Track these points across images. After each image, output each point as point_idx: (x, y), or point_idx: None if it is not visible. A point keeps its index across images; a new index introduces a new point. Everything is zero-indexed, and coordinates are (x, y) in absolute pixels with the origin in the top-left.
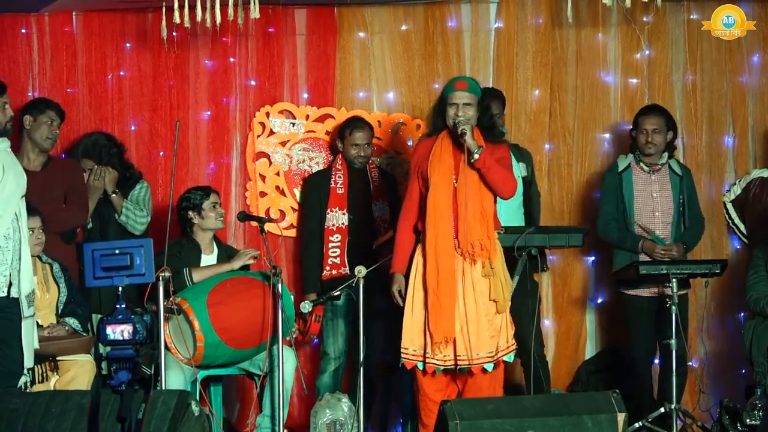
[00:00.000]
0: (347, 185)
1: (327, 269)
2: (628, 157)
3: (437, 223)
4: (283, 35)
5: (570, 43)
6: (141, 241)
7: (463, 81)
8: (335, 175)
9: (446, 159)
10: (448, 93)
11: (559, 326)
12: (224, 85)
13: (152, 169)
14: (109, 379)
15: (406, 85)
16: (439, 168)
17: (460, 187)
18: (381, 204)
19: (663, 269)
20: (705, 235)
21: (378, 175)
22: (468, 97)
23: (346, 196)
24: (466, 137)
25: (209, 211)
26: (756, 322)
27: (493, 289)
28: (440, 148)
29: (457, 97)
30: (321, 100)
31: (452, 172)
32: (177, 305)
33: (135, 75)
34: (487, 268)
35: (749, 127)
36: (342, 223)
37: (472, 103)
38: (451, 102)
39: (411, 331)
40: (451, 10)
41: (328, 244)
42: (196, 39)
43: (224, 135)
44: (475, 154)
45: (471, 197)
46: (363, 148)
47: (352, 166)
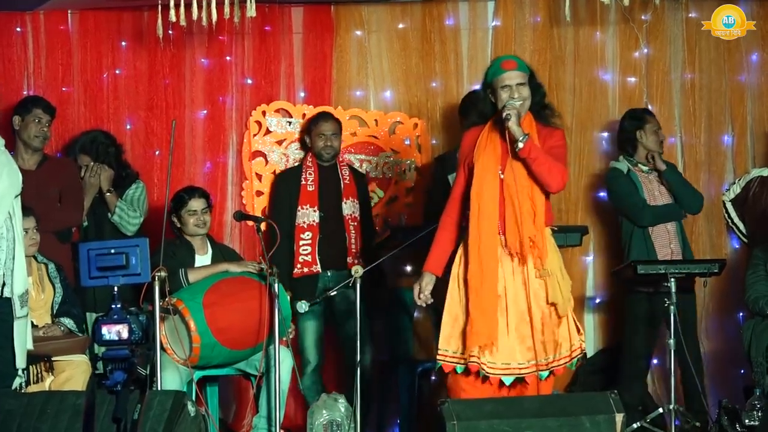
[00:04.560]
0: (318, 182)
1: (298, 267)
2: (622, 160)
3: (481, 219)
4: (279, 34)
5: (568, 42)
6: (137, 241)
7: (511, 60)
8: (306, 172)
9: (492, 148)
10: (497, 75)
11: None
12: (220, 84)
13: (148, 168)
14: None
15: (404, 84)
16: (484, 158)
17: (507, 180)
18: (351, 202)
19: (661, 269)
20: (704, 235)
21: (349, 172)
22: (520, 76)
23: (317, 194)
24: (509, 123)
25: (187, 216)
26: (755, 322)
27: (551, 291)
28: (486, 137)
29: (509, 77)
30: (318, 99)
31: (498, 162)
32: (173, 305)
33: (131, 74)
34: (541, 270)
35: (748, 126)
36: (313, 221)
37: (525, 83)
38: (503, 84)
39: (450, 332)
40: (448, 8)
41: (299, 242)
42: (192, 37)
43: (220, 134)
44: (519, 142)
45: (519, 190)
46: (329, 139)
47: (323, 164)
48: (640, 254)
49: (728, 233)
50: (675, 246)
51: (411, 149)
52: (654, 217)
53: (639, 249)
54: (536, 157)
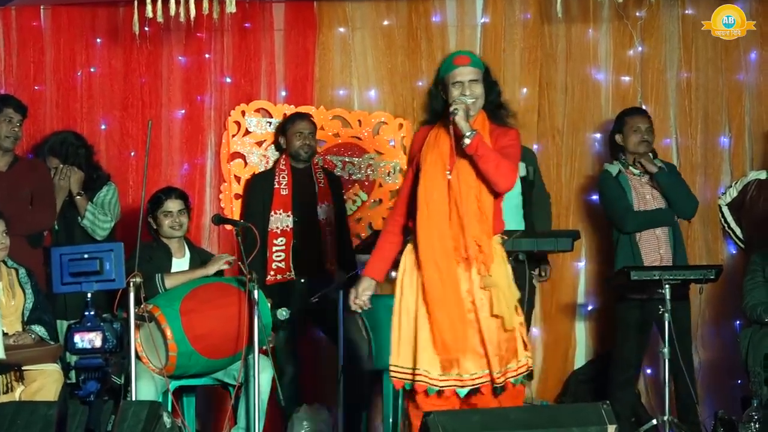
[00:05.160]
0: (291, 186)
1: (271, 274)
2: (615, 164)
3: (431, 222)
4: (260, 30)
5: (559, 39)
6: (111, 245)
7: (464, 55)
8: (279, 176)
9: (440, 147)
10: (449, 71)
11: (548, 334)
12: (198, 83)
13: (123, 169)
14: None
15: (389, 83)
16: (432, 158)
17: (454, 180)
18: (326, 206)
19: (656, 275)
20: (699, 240)
21: (324, 176)
22: (473, 72)
23: (291, 198)
24: (456, 118)
25: (162, 218)
26: (753, 330)
27: (495, 302)
28: (435, 136)
29: (461, 74)
30: (299, 99)
31: (446, 162)
32: (149, 312)
33: (105, 72)
34: (485, 278)
35: (746, 126)
36: (286, 226)
37: (479, 80)
38: (455, 81)
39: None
40: (435, 4)
41: (272, 248)
42: (170, 34)
43: (198, 134)
44: (465, 138)
45: (465, 191)
46: (307, 137)
47: (297, 166)
48: (626, 260)
49: (725, 238)
50: (665, 251)
51: (396, 151)
52: (638, 223)
53: (625, 255)
54: (483, 153)
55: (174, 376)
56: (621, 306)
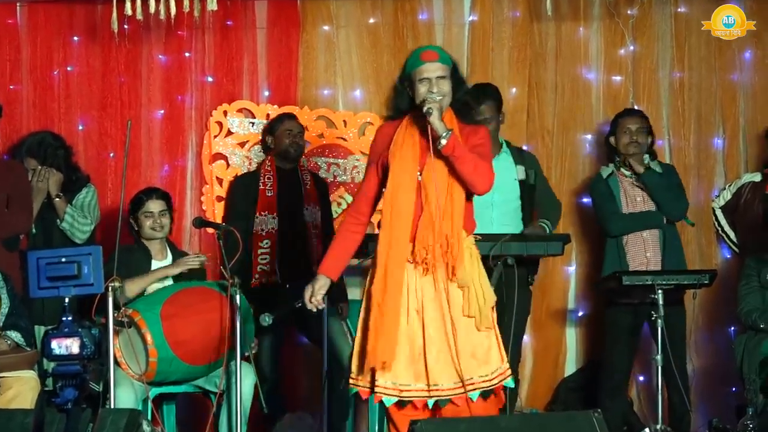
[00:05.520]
0: (277, 188)
1: (256, 277)
2: (609, 166)
3: (393, 224)
4: (242, 28)
5: (549, 38)
6: (89, 249)
7: (432, 51)
8: (264, 177)
9: (410, 147)
10: (415, 67)
11: (537, 341)
12: (179, 82)
13: (101, 171)
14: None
15: (374, 83)
16: (401, 158)
17: (426, 180)
18: (312, 209)
19: (648, 280)
20: (693, 244)
21: (310, 178)
22: (441, 68)
23: (276, 200)
24: (431, 118)
25: (143, 219)
26: (747, 337)
27: (468, 303)
28: (403, 134)
29: (428, 70)
30: (282, 98)
31: (416, 162)
32: (128, 317)
33: (83, 71)
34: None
35: (740, 127)
36: (272, 228)
37: (446, 76)
38: (421, 77)
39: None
40: (422, 2)
41: (257, 251)
42: (149, 32)
43: (179, 135)
44: (442, 139)
45: (439, 193)
46: (296, 136)
47: (284, 167)
48: (612, 264)
49: (719, 242)
50: (653, 255)
51: None
52: (623, 226)
53: (612, 258)
54: (461, 154)
55: (154, 382)
56: (611, 311)
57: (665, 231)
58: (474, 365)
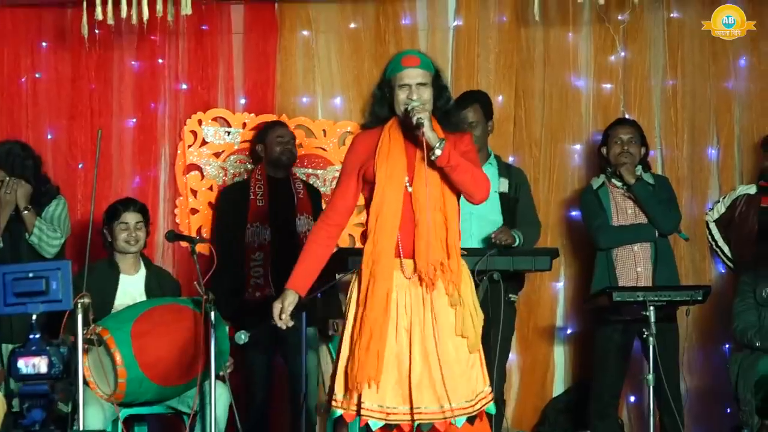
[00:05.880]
0: (268, 197)
1: (249, 291)
2: (600, 177)
3: (378, 237)
4: (217, 33)
5: (537, 44)
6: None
7: (413, 56)
8: (255, 186)
9: (396, 156)
10: (396, 72)
11: (524, 360)
12: (152, 89)
13: (71, 182)
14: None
15: (355, 90)
16: (389, 169)
17: (417, 192)
18: (306, 219)
19: (639, 296)
20: (686, 259)
21: (303, 186)
22: (422, 75)
23: (268, 210)
24: (423, 129)
25: (118, 231)
26: (743, 356)
27: (459, 322)
28: (389, 143)
29: (409, 76)
30: (259, 106)
31: (404, 172)
32: (97, 335)
33: (52, 77)
34: (454, 296)
35: (735, 137)
36: (264, 239)
37: (428, 83)
38: (401, 83)
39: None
40: (405, 6)
41: (250, 263)
42: (121, 38)
43: (151, 145)
44: (436, 149)
45: (432, 205)
46: (288, 143)
47: (275, 176)
48: (601, 279)
49: (713, 257)
50: (643, 270)
51: None
52: (612, 239)
53: (601, 273)
54: (457, 164)
55: (124, 403)
56: (600, 329)
57: (657, 245)
58: (459, 389)
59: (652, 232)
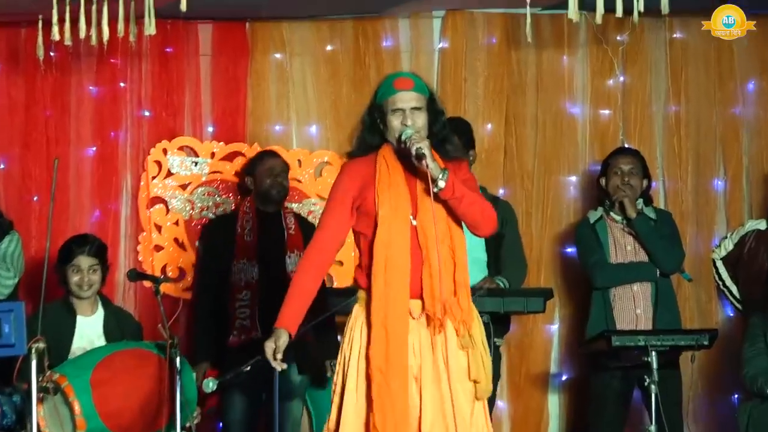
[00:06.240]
0: (257, 232)
1: (234, 334)
2: (598, 210)
3: (390, 277)
4: (183, 56)
5: (529, 67)
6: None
7: (406, 78)
8: (242, 220)
9: (399, 187)
10: (387, 96)
11: (515, 408)
12: (113, 116)
13: (24, 216)
14: None
15: (332, 117)
16: (392, 201)
17: (423, 226)
18: (296, 256)
19: (641, 341)
20: (691, 300)
21: (294, 221)
22: (416, 98)
23: (256, 245)
24: (425, 160)
25: (71, 273)
26: (753, 405)
27: (473, 365)
28: (388, 172)
29: (402, 100)
30: (229, 135)
31: (408, 205)
32: (54, 383)
33: (4, 103)
34: (465, 338)
35: (744, 168)
36: (252, 278)
37: (422, 107)
38: (394, 108)
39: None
40: (386, 26)
41: (236, 303)
42: (79, 60)
43: (112, 176)
44: (440, 181)
45: (440, 239)
46: (280, 175)
47: (265, 210)
48: (598, 321)
49: (720, 298)
50: (643, 312)
51: None
52: (609, 277)
53: (597, 315)
54: (462, 195)
55: None
56: (597, 375)
57: (658, 285)
58: None
59: (653, 270)
